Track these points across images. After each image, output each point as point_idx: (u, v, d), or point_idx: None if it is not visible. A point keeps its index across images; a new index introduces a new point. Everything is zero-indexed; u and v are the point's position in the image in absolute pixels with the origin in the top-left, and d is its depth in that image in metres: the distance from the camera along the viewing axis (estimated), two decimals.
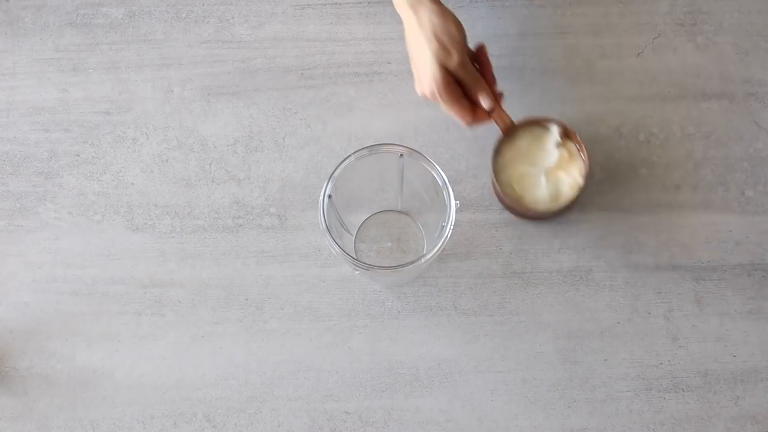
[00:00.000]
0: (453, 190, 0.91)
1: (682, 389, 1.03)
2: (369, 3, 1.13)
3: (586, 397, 1.03)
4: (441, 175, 0.91)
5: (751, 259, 1.06)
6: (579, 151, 1.02)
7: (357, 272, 1.04)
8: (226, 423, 1.03)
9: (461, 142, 1.09)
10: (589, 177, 1.01)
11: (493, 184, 1.03)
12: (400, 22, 1.12)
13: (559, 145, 1.02)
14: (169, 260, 1.07)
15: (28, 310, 1.06)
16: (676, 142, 1.09)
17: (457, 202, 0.91)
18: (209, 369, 1.04)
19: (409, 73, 1.11)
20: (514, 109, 1.09)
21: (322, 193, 0.91)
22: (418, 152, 0.92)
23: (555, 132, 1.02)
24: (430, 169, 0.92)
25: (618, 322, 1.04)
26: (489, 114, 1.00)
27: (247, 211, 1.08)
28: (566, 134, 1.02)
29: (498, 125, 1.01)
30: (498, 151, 1.02)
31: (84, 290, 1.07)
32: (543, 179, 1.02)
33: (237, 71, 1.12)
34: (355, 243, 1.07)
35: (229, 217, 1.08)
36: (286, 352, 1.05)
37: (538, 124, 1.03)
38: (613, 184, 1.07)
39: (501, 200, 1.05)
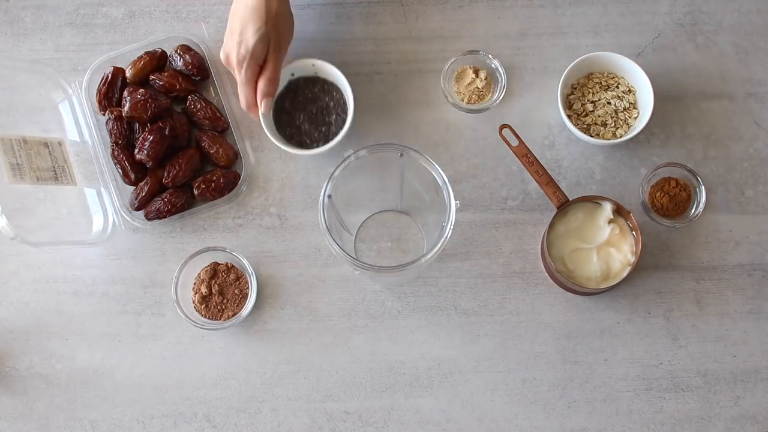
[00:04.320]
0: (453, 190, 0.90)
1: (682, 389, 1.03)
2: (369, 3, 1.13)
3: (586, 397, 1.03)
4: (441, 175, 0.91)
5: (751, 259, 1.05)
6: (631, 229, 1.01)
7: (357, 272, 1.04)
8: (226, 423, 1.03)
9: (461, 142, 1.09)
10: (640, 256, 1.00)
11: (544, 258, 1.03)
12: (400, 21, 1.12)
13: (610, 222, 1.01)
14: (169, 260, 1.07)
15: (28, 310, 1.06)
16: (676, 142, 1.08)
17: (457, 202, 0.91)
18: (209, 369, 1.04)
19: (410, 72, 1.11)
20: (515, 109, 1.09)
21: (322, 193, 0.91)
22: (418, 152, 0.91)
23: (608, 209, 1.01)
24: (430, 169, 0.92)
25: (618, 322, 1.04)
26: None
27: (247, 211, 1.08)
28: (619, 212, 1.02)
29: (551, 200, 1.01)
30: (551, 226, 1.01)
31: (84, 290, 1.07)
32: (594, 255, 1.01)
33: None
34: (355, 243, 1.07)
35: (229, 217, 1.08)
36: (286, 352, 1.05)
37: (591, 200, 1.02)
38: (614, 183, 1.07)
39: (551, 275, 1.04)
